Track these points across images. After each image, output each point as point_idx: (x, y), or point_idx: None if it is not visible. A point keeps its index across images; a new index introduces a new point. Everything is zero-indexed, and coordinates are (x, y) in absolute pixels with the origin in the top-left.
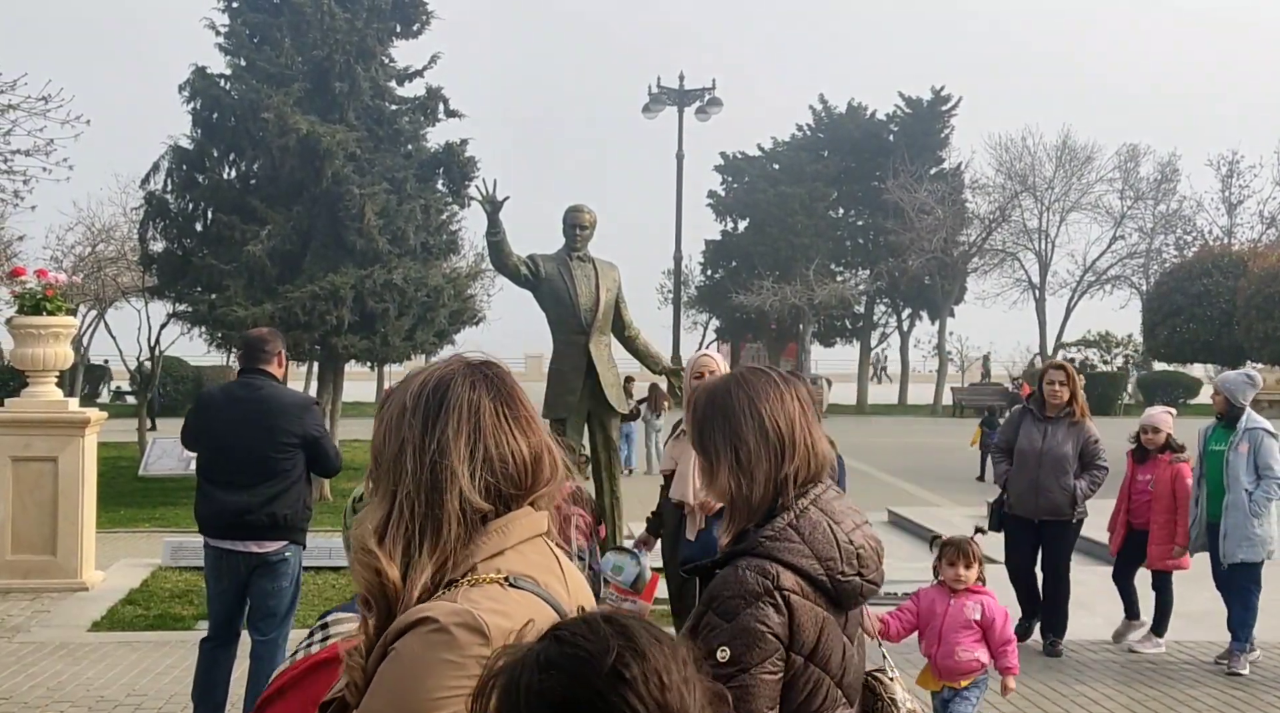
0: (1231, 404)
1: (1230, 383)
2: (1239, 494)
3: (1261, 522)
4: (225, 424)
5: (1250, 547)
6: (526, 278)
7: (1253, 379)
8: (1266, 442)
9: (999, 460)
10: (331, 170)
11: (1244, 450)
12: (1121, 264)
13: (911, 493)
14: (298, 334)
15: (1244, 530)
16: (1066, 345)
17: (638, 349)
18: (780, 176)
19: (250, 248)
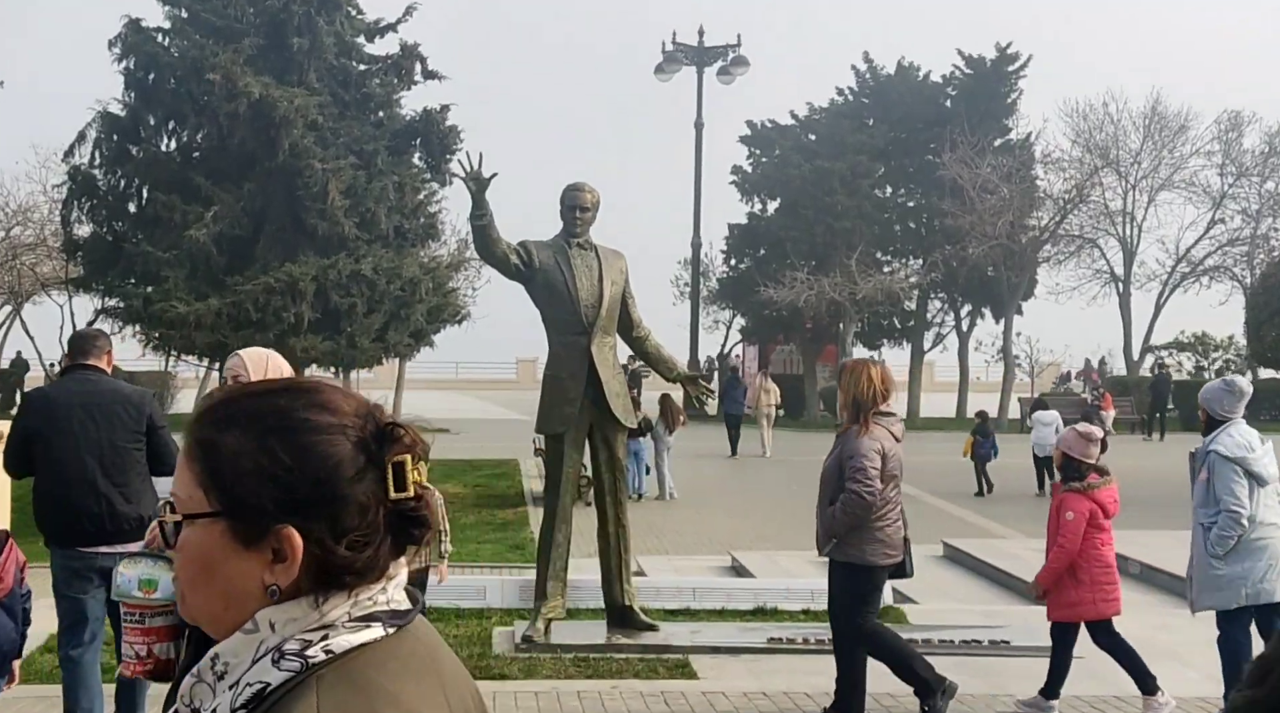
0: (1211, 418)
1: (1208, 393)
2: (1196, 530)
3: (1226, 562)
4: (71, 421)
5: (1215, 592)
6: (518, 268)
7: (1233, 386)
8: (1219, 467)
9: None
10: (289, 141)
11: (1204, 478)
12: (1221, 253)
13: (970, 522)
14: (249, 334)
15: (1204, 573)
16: (1156, 349)
17: (648, 352)
18: (817, 149)
19: (193, 232)
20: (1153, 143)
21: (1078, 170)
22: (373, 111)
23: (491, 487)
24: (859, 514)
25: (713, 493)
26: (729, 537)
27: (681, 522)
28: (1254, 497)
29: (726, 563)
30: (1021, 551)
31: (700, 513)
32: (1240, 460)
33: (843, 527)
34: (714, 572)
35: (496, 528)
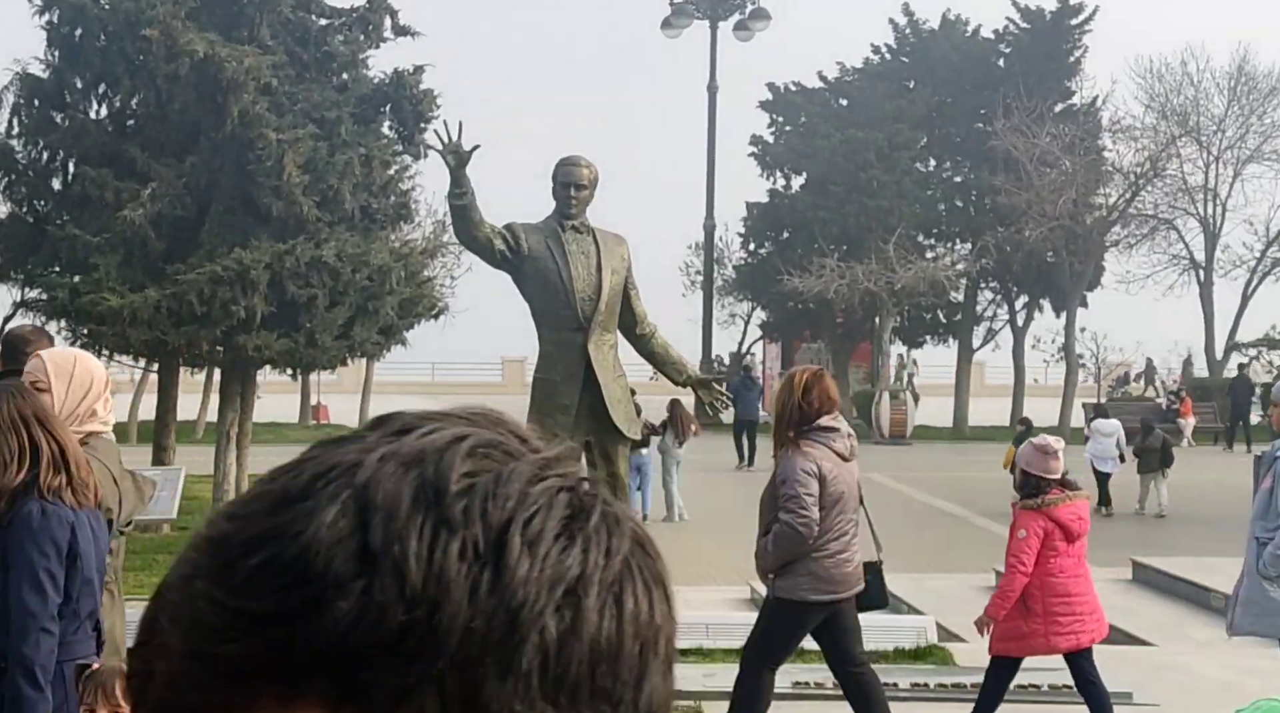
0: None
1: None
2: (1251, 547)
3: (1276, 586)
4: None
5: (1262, 617)
6: (503, 255)
7: None
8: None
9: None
10: (238, 108)
11: (1267, 486)
12: None
13: None
14: (192, 331)
15: (1253, 594)
16: (1242, 346)
17: (654, 352)
18: (849, 116)
19: (127, 213)
20: (1239, 108)
21: (1151, 140)
22: (335, 73)
23: None
24: (791, 547)
25: (729, 514)
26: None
27: (692, 548)
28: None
29: (745, 595)
30: None
31: (714, 537)
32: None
33: (774, 560)
34: (731, 605)
35: None
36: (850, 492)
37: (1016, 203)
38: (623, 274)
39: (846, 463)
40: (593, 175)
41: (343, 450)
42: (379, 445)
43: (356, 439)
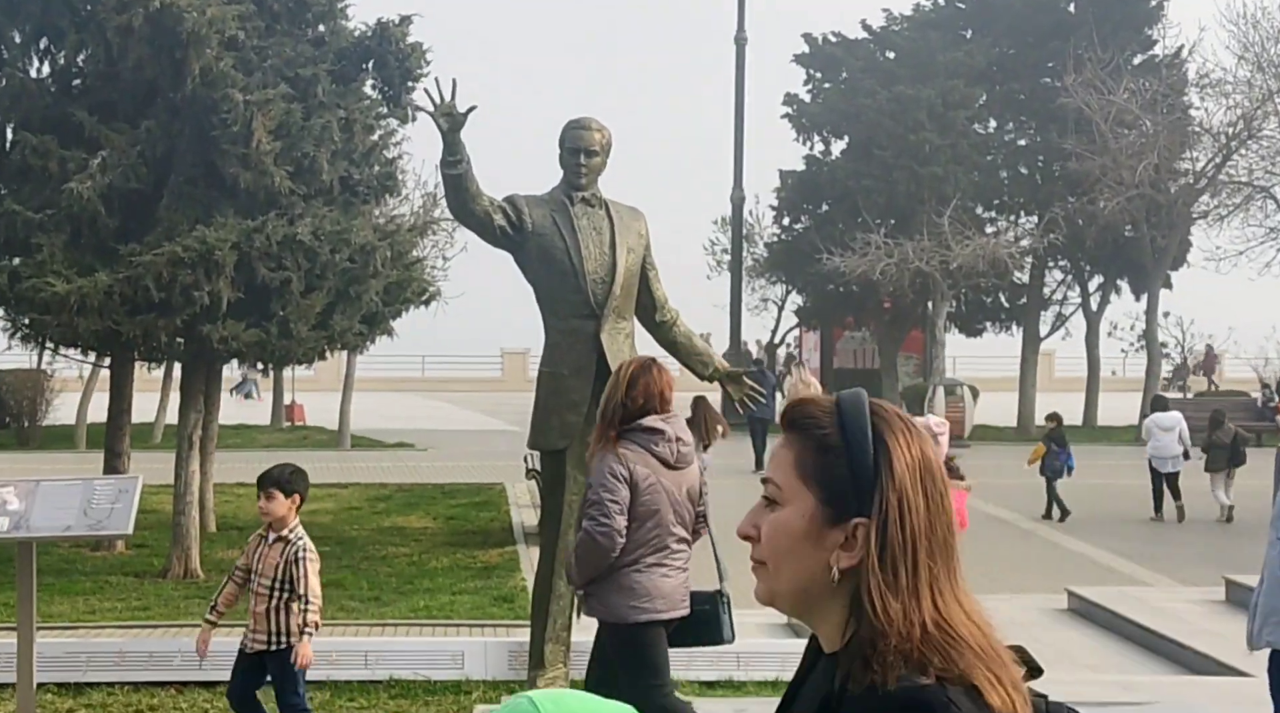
0: None
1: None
2: (1274, 548)
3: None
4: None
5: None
6: (503, 231)
7: None
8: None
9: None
10: (200, 65)
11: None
12: None
13: (1103, 564)
14: (149, 319)
15: (1276, 602)
16: None
17: (676, 341)
18: (898, 71)
19: (75, 186)
20: None
21: (1246, 96)
22: (310, 25)
23: (470, 520)
24: (592, 559)
25: None
26: None
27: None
28: None
29: (780, 619)
30: (1171, 602)
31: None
32: None
33: (578, 575)
34: (764, 631)
35: (477, 574)
36: (675, 504)
37: (1090, 169)
38: (640, 253)
39: (673, 470)
40: (605, 140)
41: None
42: None
43: None
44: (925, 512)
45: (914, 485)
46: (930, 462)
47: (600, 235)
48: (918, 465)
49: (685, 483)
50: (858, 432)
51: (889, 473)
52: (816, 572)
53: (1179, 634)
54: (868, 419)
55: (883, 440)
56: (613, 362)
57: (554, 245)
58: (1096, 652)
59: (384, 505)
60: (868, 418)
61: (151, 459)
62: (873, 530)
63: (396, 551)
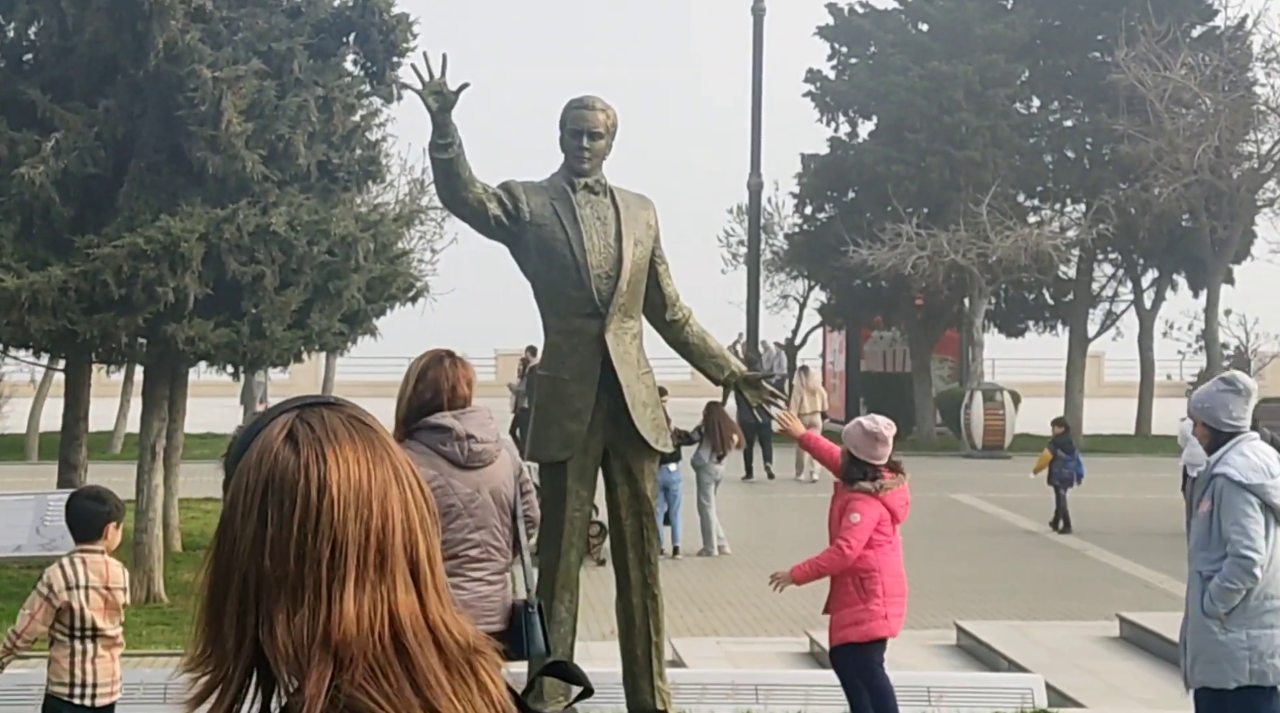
0: (1216, 431)
1: (1204, 400)
2: (1193, 581)
3: (1228, 624)
4: None
5: (1211, 663)
6: (498, 221)
7: (1236, 384)
8: (1228, 496)
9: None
10: (164, 38)
11: (1204, 511)
12: None
13: (1161, 588)
14: (108, 318)
15: (1201, 637)
16: None
17: (688, 342)
18: (932, 45)
19: (25, 172)
20: None
21: None
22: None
23: None
24: None
25: (779, 544)
26: (806, 609)
27: (737, 588)
28: (1270, 538)
29: (804, 648)
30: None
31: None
32: (1257, 489)
33: None
34: (785, 661)
35: None
36: (467, 505)
37: (1143, 153)
38: (648, 245)
39: (466, 470)
40: (610, 121)
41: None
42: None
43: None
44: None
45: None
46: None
47: (605, 226)
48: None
49: (486, 484)
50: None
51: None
52: None
53: None
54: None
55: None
56: (619, 365)
57: (554, 237)
58: (1152, 685)
59: None
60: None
61: (111, 471)
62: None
63: None
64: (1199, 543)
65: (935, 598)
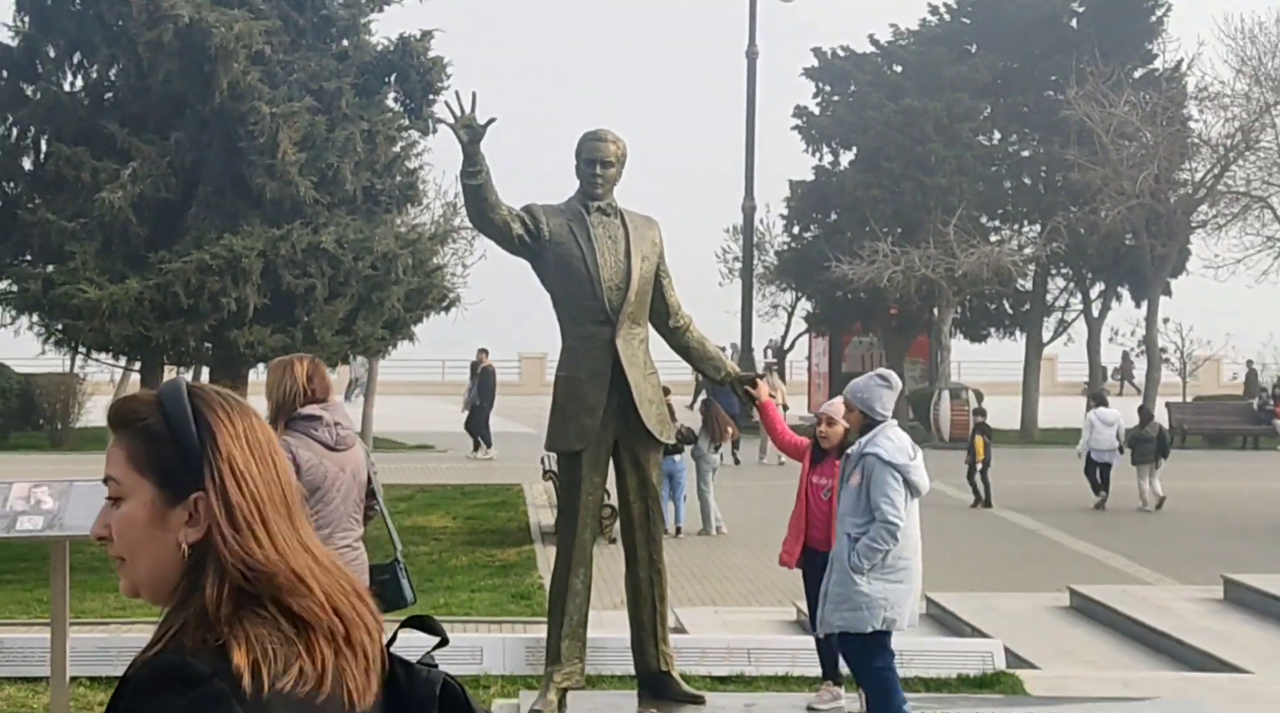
0: (870, 417)
1: (860, 391)
2: (842, 541)
3: (870, 578)
4: None
5: (852, 612)
6: (521, 239)
7: (890, 380)
8: (878, 473)
9: None
10: (228, 79)
11: (855, 484)
12: None
13: (1108, 564)
14: (178, 325)
15: (843, 589)
16: None
17: (689, 347)
18: (904, 84)
19: (106, 196)
20: None
21: (1243, 108)
22: (335, 40)
23: (489, 519)
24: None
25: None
26: (793, 582)
27: (732, 563)
28: (906, 509)
29: (790, 616)
30: (1171, 600)
31: (755, 551)
32: (901, 468)
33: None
34: (775, 628)
35: (495, 572)
36: (335, 482)
37: (1091, 179)
38: (654, 261)
39: (333, 452)
40: (620, 151)
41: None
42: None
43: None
44: (259, 475)
45: (243, 453)
46: (256, 432)
47: (615, 244)
48: (244, 436)
49: (349, 464)
50: (179, 416)
51: (214, 446)
52: (169, 554)
53: (1179, 632)
54: (187, 403)
55: (204, 419)
56: (628, 367)
57: (571, 253)
58: (1098, 648)
59: (405, 505)
60: (187, 402)
61: None
62: (214, 499)
63: (417, 550)
64: (849, 510)
65: None
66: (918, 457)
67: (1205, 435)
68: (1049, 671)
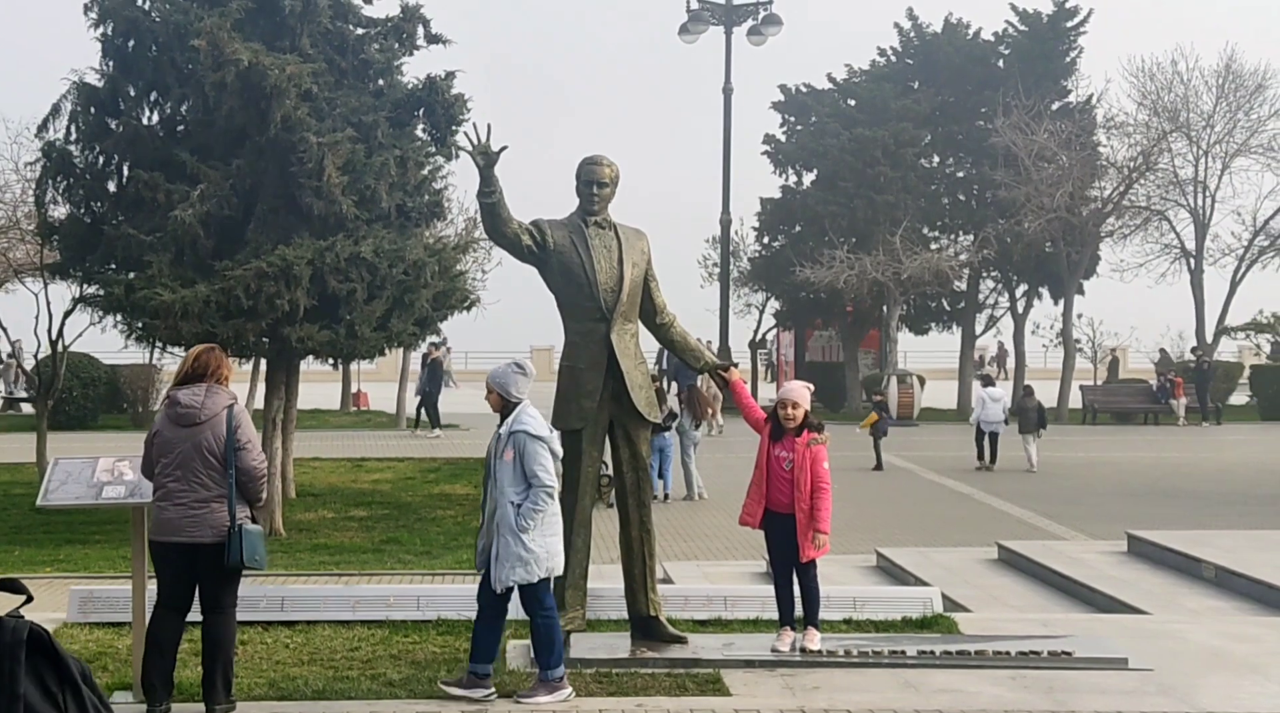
0: (507, 399)
1: (499, 377)
2: (506, 509)
3: (533, 537)
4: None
5: (522, 566)
6: (530, 250)
7: (524, 367)
8: (530, 446)
9: None
10: (281, 113)
11: (509, 458)
12: None
13: (1029, 522)
14: (239, 323)
15: (512, 548)
16: (1231, 330)
17: (673, 340)
18: (857, 116)
19: (178, 213)
20: (1227, 104)
21: (1144, 135)
22: (372, 80)
23: None
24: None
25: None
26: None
27: (711, 524)
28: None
29: (761, 569)
30: (1082, 553)
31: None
32: (546, 439)
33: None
34: (748, 579)
35: None
36: (180, 450)
37: (1016, 196)
38: (643, 267)
39: (182, 429)
40: (614, 174)
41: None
42: None
43: None
44: None
45: None
46: None
47: (610, 253)
48: None
49: (191, 438)
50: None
51: None
52: None
53: (1089, 580)
54: None
55: None
56: (621, 358)
57: (572, 261)
58: (1021, 594)
59: (434, 476)
60: None
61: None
62: None
63: (444, 513)
64: (510, 481)
65: (861, 531)
66: (554, 430)
67: (1113, 413)
68: (979, 613)
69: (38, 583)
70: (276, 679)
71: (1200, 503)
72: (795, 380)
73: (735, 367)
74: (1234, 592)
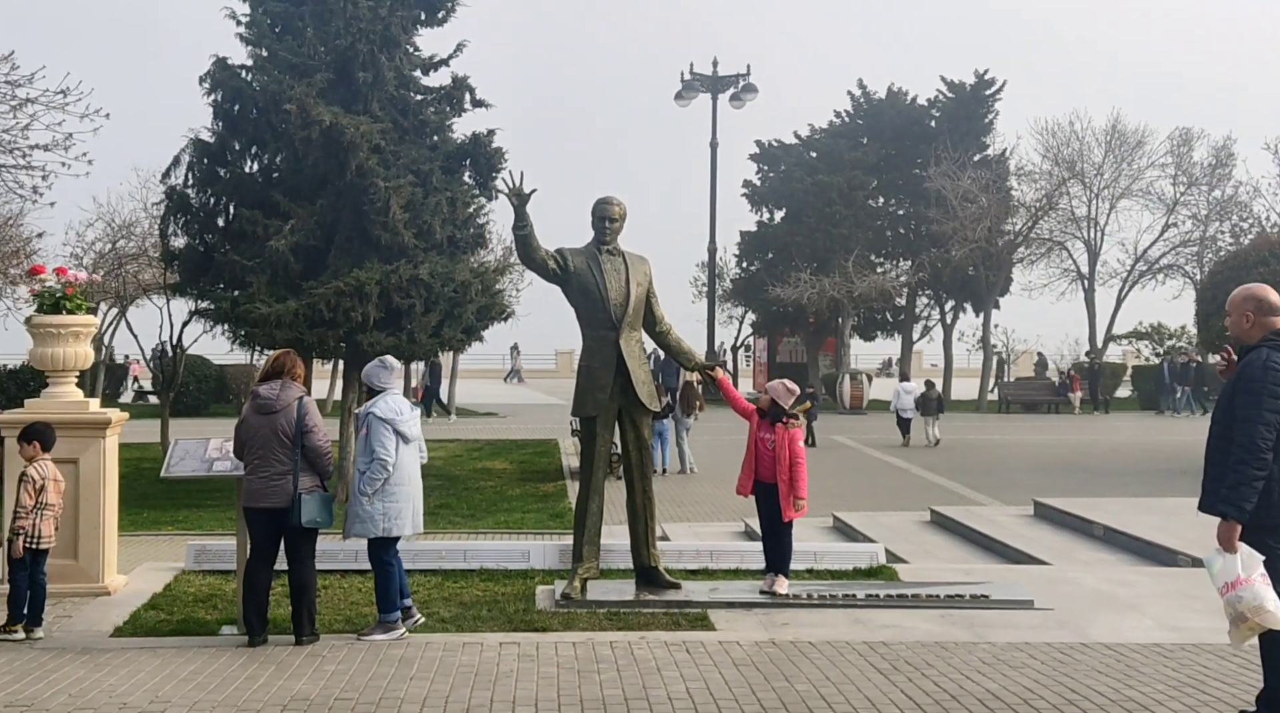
0: (372, 388)
1: (367, 372)
2: (355, 475)
3: (371, 500)
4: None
5: (361, 523)
6: (555, 272)
7: (386, 364)
8: (375, 426)
9: None
10: (356, 163)
11: (362, 435)
12: (1174, 253)
13: (955, 491)
14: (322, 332)
15: (354, 508)
16: (1118, 338)
17: (670, 345)
18: (818, 165)
19: (273, 243)
20: (1114, 156)
21: (1047, 181)
22: (428, 136)
23: (534, 463)
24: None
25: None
26: (742, 506)
27: (701, 493)
28: (399, 450)
29: (740, 529)
30: (1000, 516)
31: (717, 486)
32: (391, 421)
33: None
34: (729, 536)
35: (539, 499)
36: (258, 433)
37: (945, 230)
38: (645, 286)
39: (258, 415)
40: (623, 211)
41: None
42: None
43: None
44: None
45: None
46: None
47: (619, 275)
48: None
49: (268, 424)
50: None
51: None
52: None
53: (1003, 538)
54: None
55: None
56: (627, 359)
57: (588, 281)
58: (949, 549)
59: (478, 454)
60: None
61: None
62: None
63: (485, 484)
64: (360, 452)
65: (821, 498)
66: (411, 415)
67: (1023, 404)
68: (915, 564)
69: (162, 539)
70: (351, 617)
71: (1092, 476)
72: (776, 380)
73: (722, 366)
74: (1118, 547)
